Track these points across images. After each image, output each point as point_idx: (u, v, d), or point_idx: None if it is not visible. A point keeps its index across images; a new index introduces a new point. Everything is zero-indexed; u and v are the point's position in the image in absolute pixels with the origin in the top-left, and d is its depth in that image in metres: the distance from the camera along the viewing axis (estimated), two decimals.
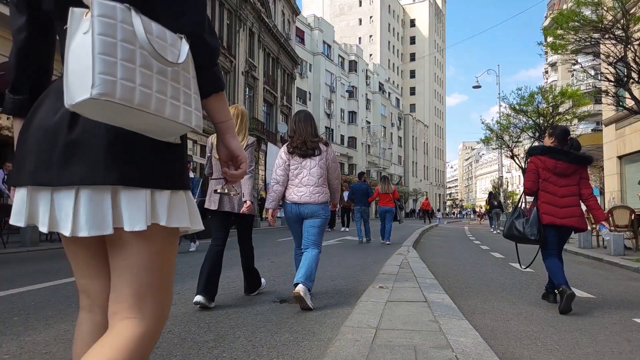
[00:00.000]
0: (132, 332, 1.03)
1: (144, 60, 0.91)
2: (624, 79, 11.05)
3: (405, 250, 8.66)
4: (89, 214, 1.01)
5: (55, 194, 1.03)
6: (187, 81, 1.01)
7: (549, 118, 21.21)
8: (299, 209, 4.12)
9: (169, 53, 0.96)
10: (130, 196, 1.02)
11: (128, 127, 0.97)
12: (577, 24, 11.66)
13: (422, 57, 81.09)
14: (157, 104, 0.93)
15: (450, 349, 2.53)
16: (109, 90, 0.85)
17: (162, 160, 1.06)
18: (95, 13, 0.85)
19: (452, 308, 3.65)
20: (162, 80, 0.94)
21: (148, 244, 1.07)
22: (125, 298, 1.07)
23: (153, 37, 0.94)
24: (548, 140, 4.56)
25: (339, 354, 2.42)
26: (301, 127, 4.19)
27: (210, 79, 1.12)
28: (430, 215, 36.99)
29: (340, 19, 73.66)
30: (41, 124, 1.05)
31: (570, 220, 4.29)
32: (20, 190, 1.08)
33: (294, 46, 39.71)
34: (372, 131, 56.75)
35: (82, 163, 0.99)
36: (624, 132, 17.30)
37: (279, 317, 3.56)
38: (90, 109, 0.88)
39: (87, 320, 1.18)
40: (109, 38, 0.86)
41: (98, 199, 1.01)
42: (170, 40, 0.98)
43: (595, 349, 3.02)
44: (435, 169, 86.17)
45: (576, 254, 9.99)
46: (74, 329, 3.07)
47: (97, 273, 1.17)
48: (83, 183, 1.00)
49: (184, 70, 1.00)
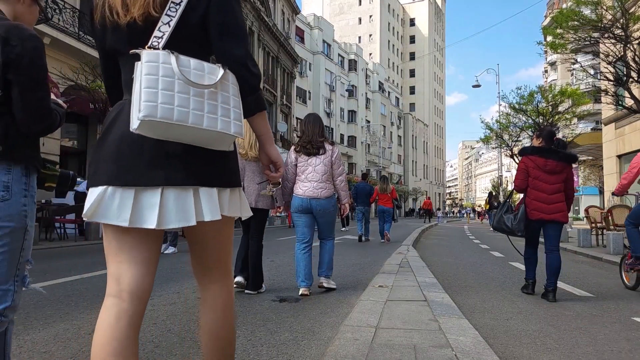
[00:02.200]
0: (224, 290, 1.50)
1: (181, 87, 1.21)
2: (624, 78, 11.05)
3: (405, 250, 8.66)
4: (177, 209, 1.27)
5: (141, 193, 1.26)
6: (226, 99, 1.28)
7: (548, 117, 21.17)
8: (310, 203, 4.47)
9: (206, 79, 1.25)
10: (207, 194, 1.31)
11: (178, 139, 1.26)
12: (577, 23, 11.66)
13: (421, 56, 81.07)
14: (195, 118, 1.21)
15: (450, 348, 2.53)
16: (151, 113, 1.16)
17: (223, 164, 1.37)
18: (143, 60, 1.20)
19: (452, 307, 3.65)
20: (199, 99, 1.23)
21: (219, 228, 1.43)
22: (211, 267, 1.48)
23: (190, 69, 1.24)
24: (536, 142, 4.92)
25: (338, 353, 2.42)
26: (309, 128, 4.57)
27: (255, 101, 1.40)
28: (430, 215, 37.06)
29: (340, 18, 73.62)
30: (123, 135, 1.28)
31: (558, 215, 4.62)
32: (97, 189, 1.28)
33: (294, 45, 39.67)
34: (372, 130, 56.73)
35: (166, 168, 1.27)
36: (623, 131, 17.31)
37: (279, 317, 3.56)
38: (145, 128, 1.19)
39: (114, 306, 1.29)
40: (152, 75, 1.19)
41: (183, 196, 1.28)
42: (207, 70, 1.27)
43: (594, 347, 3.02)
44: (435, 168, 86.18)
45: (575, 253, 10.00)
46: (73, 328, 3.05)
47: (135, 261, 1.33)
48: (169, 184, 1.27)
49: (223, 90, 1.28)
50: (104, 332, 1.25)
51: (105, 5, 1.34)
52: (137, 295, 1.31)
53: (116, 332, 1.24)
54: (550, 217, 4.60)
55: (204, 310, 1.49)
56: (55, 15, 12.90)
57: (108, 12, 1.33)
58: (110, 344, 1.23)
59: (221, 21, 1.34)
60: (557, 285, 4.63)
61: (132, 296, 1.30)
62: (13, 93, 1.50)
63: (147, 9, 1.29)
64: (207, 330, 1.47)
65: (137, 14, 1.30)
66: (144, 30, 1.30)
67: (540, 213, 4.62)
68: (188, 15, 1.30)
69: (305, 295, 4.37)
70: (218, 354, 1.48)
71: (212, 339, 1.47)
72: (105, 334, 1.25)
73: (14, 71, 1.48)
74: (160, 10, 1.29)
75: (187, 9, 1.30)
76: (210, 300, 1.48)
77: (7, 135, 1.51)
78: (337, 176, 4.59)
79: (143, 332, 3.06)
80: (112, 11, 1.33)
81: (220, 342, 1.48)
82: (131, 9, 1.30)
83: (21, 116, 1.51)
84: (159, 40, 1.26)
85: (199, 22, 1.33)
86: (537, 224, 4.69)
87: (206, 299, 1.49)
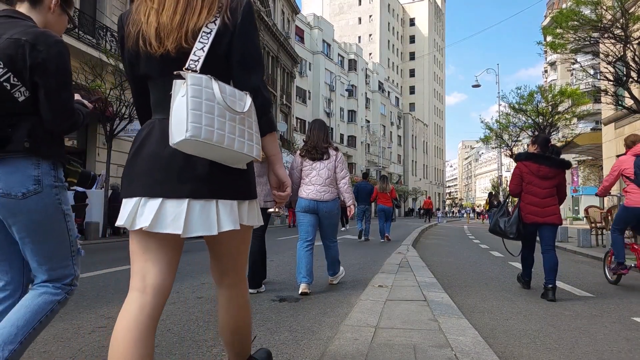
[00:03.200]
0: (239, 292, 1.66)
1: (220, 112, 1.34)
2: (623, 78, 11.04)
3: (405, 249, 8.66)
4: (201, 219, 1.41)
5: (167, 203, 1.40)
6: (250, 124, 1.43)
7: (548, 117, 21.14)
8: (317, 205, 4.67)
9: (237, 105, 1.39)
10: (228, 206, 1.45)
11: (211, 158, 1.39)
12: (577, 23, 11.64)
13: (421, 56, 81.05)
14: (229, 141, 1.35)
15: (450, 347, 2.53)
16: (197, 133, 1.28)
17: (242, 179, 1.51)
18: (189, 83, 1.31)
19: (452, 307, 3.65)
20: (232, 124, 1.37)
21: (237, 236, 1.56)
22: (228, 271, 1.64)
23: (226, 95, 1.37)
24: (532, 148, 5.15)
25: (338, 352, 2.42)
26: (314, 134, 4.78)
27: (267, 123, 1.55)
28: (430, 214, 37.11)
29: (340, 18, 73.59)
30: (154, 153, 1.43)
31: (551, 218, 4.83)
32: (131, 200, 1.44)
33: (294, 45, 39.65)
34: (372, 130, 56.72)
35: (192, 182, 1.41)
36: (623, 131, 17.30)
37: (278, 316, 3.56)
38: (185, 146, 1.32)
39: (139, 299, 1.42)
40: (197, 98, 1.30)
41: (207, 208, 1.42)
42: (238, 96, 1.41)
43: (594, 347, 3.02)
44: (434, 168, 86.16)
45: (575, 252, 10.00)
46: (72, 327, 3.05)
47: (160, 261, 1.48)
48: (194, 197, 1.41)
49: (248, 116, 1.43)
50: (127, 321, 1.38)
51: (139, 36, 1.47)
52: (160, 291, 1.46)
53: (139, 321, 1.38)
54: (544, 220, 4.81)
55: (222, 311, 1.67)
56: None
57: (142, 43, 1.46)
58: (132, 331, 1.36)
59: (242, 51, 1.49)
60: (556, 283, 4.65)
61: (155, 291, 1.44)
62: (39, 94, 1.64)
63: (179, 42, 1.43)
64: (226, 327, 1.67)
65: (170, 47, 1.43)
66: (175, 59, 1.43)
67: (534, 216, 4.83)
68: (215, 46, 1.44)
69: (305, 292, 4.40)
70: (237, 345, 1.72)
71: (232, 333, 1.68)
72: (128, 322, 1.37)
73: (40, 74, 1.61)
74: (192, 42, 1.43)
75: (215, 39, 1.44)
76: (226, 302, 1.66)
77: (34, 133, 1.65)
78: (341, 179, 4.76)
79: None
80: (146, 43, 1.45)
81: (238, 336, 1.70)
82: (165, 42, 1.43)
83: (47, 115, 1.65)
84: (195, 64, 1.39)
85: (225, 51, 1.48)
86: (532, 227, 4.90)
87: (223, 300, 1.66)
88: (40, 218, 1.67)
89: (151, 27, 1.45)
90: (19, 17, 1.70)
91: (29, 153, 1.64)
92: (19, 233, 1.68)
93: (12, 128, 1.63)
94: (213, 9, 1.46)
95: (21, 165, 1.64)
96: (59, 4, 1.82)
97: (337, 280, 5.11)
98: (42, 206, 1.66)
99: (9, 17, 1.69)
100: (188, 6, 1.45)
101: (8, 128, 1.63)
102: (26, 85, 1.63)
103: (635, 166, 5.28)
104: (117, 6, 17.21)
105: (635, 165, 5.29)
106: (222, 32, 1.45)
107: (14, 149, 1.63)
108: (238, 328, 1.68)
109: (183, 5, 1.45)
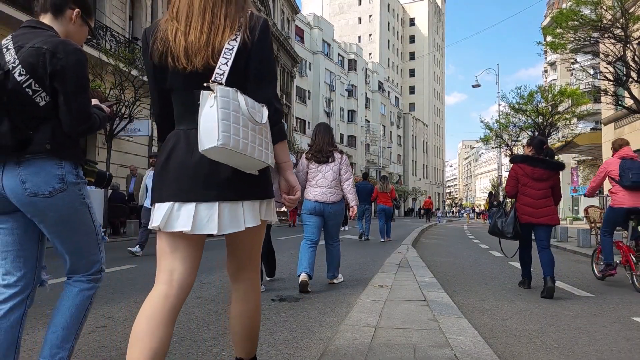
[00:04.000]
0: (255, 285, 1.78)
1: (244, 122, 1.47)
2: (623, 78, 11.04)
3: (405, 249, 8.66)
4: (231, 219, 1.56)
5: (201, 207, 1.54)
6: (266, 133, 1.57)
7: (548, 117, 21.16)
8: (323, 207, 4.85)
9: (257, 116, 1.52)
10: (250, 205, 1.61)
11: (232, 164, 1.52)
12: (577, 23, 11.65)
13: (421, 56, 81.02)
14: (251, 149, 1.48)
15: (450, 347, 2.53)
16: (226, 142, 1.40)
17: (262, 180, 1.64)
18: (218, 94, 1.43)
19: (451, 307, 3.65)
20: (253, 134, 1.49)
21: (255, 231, 1.70)
22: (245, 265, 1.76)
23: (249, 107, 1.50)
24: (527, 150, 5.31)
25: (338, 352, 2.42)
26: (320, 138, 4.95)
27: (279, 132, 1.68)
28: (430, 214, 37.15)
29: (340, 18, 73.57)
30: (182, 162, 1.57)
31: (546, 219, 4.99)
32: (164, 205, 1.57)
33: (294, 45, 39.64)
34: (372, 130, 56.70)
35: (219, 187, 1.55)
36: (623, 131, 17.32)
37: (278, 316, 3.56)
38: (214, 153, 1.44)
39: (164, 291, 1.56)
40: (225, 109, 1.42)
41: (235, 208, 1.57)
42: (257, 108, 1.54)
43: (594, 347, 3.02)
44: (434, 168, 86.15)
45: (575, 252, 10.00)
46: None
47: (187, 259, 1.61)
48: (222, 199, 1.55)
49: (265, 126, 1.56)
50: (152, 308, 1.53)
51: (167, 53, 1.59)
52: (185, 287, 1.60)
53: (162, 309, 1.52)
54: (538, 220, 4.98)
55: (237, 303, 1.76)
56: None
57: (171, 60, 1.59)
58: (155, 319, 1.50)
59: (258, 66, 1.62)
60: (554, 276, 4.74)
61: (180, 285, 1.58)
62: (59, 99, 1.76)
63: (207, 60, 1.56)
64: (239, 319, 1.75)
65: (198, 64, 1.56)
66: (201, 74, 1.56)
67: (529, 217, 5.00)
68: (237, 61, 1.57)
69: (305, 282, 4.48)
70: (247, 341, 1.79)
71: (244, 326, 1.76)
72: (153, 310, 1.52)
73: (59, 80, 1.74)
74: (217, 58, 1.56)
75: (237, 55, 1.57)
76: (242, 294, 1.76)
77: (54, 135, 1.77)
78: (345, 181, 4.94)
79: None
80: (174, 59, 1.58)
81: (250, 331, 1.78)
82: (193, 60, 1.56)
83: (65, 119, 1.77)
84: (221, 77, 1.51)
85: (244, 66, 1.61)
86: (527, 227, 5.08)
87: (239, 294, 1.76)
88: (67, 213, 1.81)
89: (180, 46, 1.58)
90: (41, 27, 1.84)
91: (51, 154, 1.76)
92: (49, 228, 1.82)
93: (33, 131, 1.75)
94: (234, 28, 1.59)
95: (45, 165, 1.76)
96: (80, 15, 1.94)
97: (337, 281, 5.15)
98: (69, 202, 1.80)
99: (32, 27, 1.83)
100: (212, 25, 1.59)
101: (30, 131, 1.74)
102: (46, 91, 1.75)
103: (620, 168, 5.53)
104: (117, 6, 17.22)
105: (620, 167, 5.54)
106: (242, 49, 1.58)
107: (36, 150, 1.74)
108: (251, 322, 1.77)
109: (208, 25, 1.58)
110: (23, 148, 1.73)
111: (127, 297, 4.30)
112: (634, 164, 5.50)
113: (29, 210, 1.77)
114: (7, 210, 1.80)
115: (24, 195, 1.74)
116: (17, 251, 1.85)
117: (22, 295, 1.84)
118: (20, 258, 1.85)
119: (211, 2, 1.61)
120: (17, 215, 1.82)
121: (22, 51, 1.73)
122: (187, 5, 1.61)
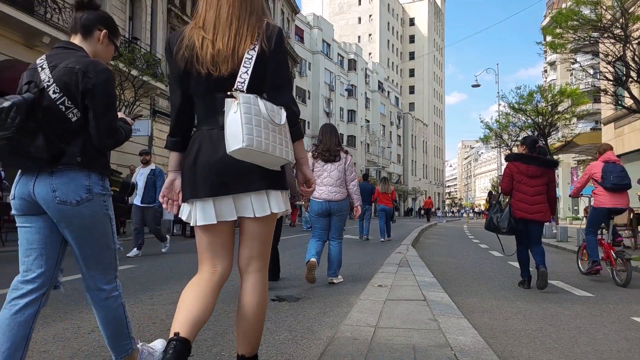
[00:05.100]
0: (264, 278, 1.86)
1: (265, 124, 1.64)
2: (623, 78, 11.04)
3: (404, 249, 8.66)
4: (260, 206, 1.75)
5: (239, 198, 1.74)
6: (286, 133, 1.74)
7: (547, 117, 21.13)
8: (329, 205, 5.06)
9: (276, 118, 1.69)
10: (274, 195, 1.78)
11: (259, 163, 1.69)
12: (576, 23, 11.64)
13: (421, 55, 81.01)
14: (272, 149, 1.65)
15: (449, 347, 2.53)
16: (250, 143, 1.58)
17: (278, 176, 1.80)
18: (241, 101, 1.61)
19: (451, 307, 3.65)
20: (274, 134, 1.67)
21: (269, 220, 1.82)
22: (257, 256, 1.84)
23: (269, 110, 1.66)
24: (520, 149, 5.58)
25: (338, 352, 2.42)
26: (327, 138, 5.14)
27: (296, 132, 1.84)
28: (430, 214, 37.16)
29: (340, 18, 73.54)
30: (209, 161, 1.72)
31: (539, 215, 5.22)
32: (199, 201, 1.75)
33: (293, 45, 39.63)
34: (372, 130, 56.68)
35: (248, 180, 1.72)
36: (622, 131, 17.32)
37: (278, 316, 3.56)
38: (240, 153, 1.62)
39: (207, 274, 1.79)
40: (248, 114, 1.60)
41: (261, 197, 1.76)
42: (276, 111, 1.71)
43: (593, 347, 3.02)
44: (434, 168, 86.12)
45: (575, 252, 9.99)
46: (72, 327, 3.06)
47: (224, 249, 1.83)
48: (251, 190, 1.73)
49: (284, 127, 1.73)
50: (195, 288, 1.75)
51: (194, 60, 1.72)
52: (225, 274, 1.82)
53: (205, 289, 1.75)
54: (531, 216, 5.21)
55: (247, 294, 1.83)
56: (55, 15, 12.89)
57: (198, 66, 1.72)
58: (198, 296, 1.71)
59: (275, 73, 1.77)
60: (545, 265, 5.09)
61: (222, 270, 1.81)
62: (89, 115, 1.89)
63: (233, 67, 1.70)
64: (247, 310, 1.80)
65: (225, 72, 1.70)
66: (225, 80, 1.70)
67: (523, 213, 5.22)
68: (256, 69, 1.70)
69: (313, 263, 4.72)
70: (251, 335, 1.84)
71: (250, 321, 1.81)
72: (196, 289, 1.74)
73: (90, 98, 1.87)
74: (239, 66, 1.70)
75: (256, 63, 1.70)
76: (251, 286, 1.83)
77: (85, 148, 1.91)
78: (350, 181, 5.14)
79: (143, 331, 3.07)
80: (202, 66, 1.72)
81: (255, 324, 1.83)
82: (220, 68, 1.71)
83: (95, 133, 1.90)
84: (242, 85, 1.67)
85: (262, 73, 1.74)
86: (521, 222, 5.26)
87: (247, 286, 1.83)
88: (90, 222, 1.93)
89: (207, 53, 1.71)
90: (73, 48, 1.98)
91: (81, 166, 1.90)
92: (72, 234, 1.93)
93: (66, 144, 1.88)
94: (254, 37, 1.73)
95: (75, 176, 1.89)
96: (107, 36, 2.09)
97: (337, 281, 5.18)
98: (93, 212, 1.93)
99: (65, 48, 1.97)
100: (237, 34, 1.73)
101: (62, 144, 1.87)
102: (78, 107, 1.88)
103: (603, 171, 5.93)
104: (117, 6, 17.21)
105: (602, 170, 5.94)
106: (260, 57, 1.72)
107: (68, 162, 1.88)
108: (257, 315, 1.82)
109: (234, 35, 1.72)
110: (56, 160, 1.86)
111: (128, 297, 4.28)
112: (615, 167, 5.92)
113: (55, 215, 1.89)
114: (35, 212, 1.92)
115: (53, 203, 1.86)
116: (41, 249, 1.94)
117: (38, 292, 1.92)
118: (42, 256, 1.94)
119: (237, 13, 1.75)
120: (45, 217, 1.92)
121: (57, 70, 1.86)
122: (215, 16, 1.75)
